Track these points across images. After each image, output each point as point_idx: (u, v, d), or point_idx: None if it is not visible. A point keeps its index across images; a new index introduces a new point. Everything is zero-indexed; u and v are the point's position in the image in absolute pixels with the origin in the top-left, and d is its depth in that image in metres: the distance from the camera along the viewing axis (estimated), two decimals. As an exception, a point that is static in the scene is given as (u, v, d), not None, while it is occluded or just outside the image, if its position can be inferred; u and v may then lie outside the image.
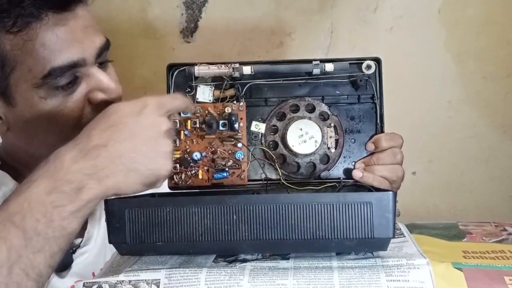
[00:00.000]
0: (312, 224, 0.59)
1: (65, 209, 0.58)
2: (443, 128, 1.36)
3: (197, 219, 0.60)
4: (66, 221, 0.58)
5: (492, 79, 1.34)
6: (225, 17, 1.37)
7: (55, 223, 0.57)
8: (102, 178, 0.59)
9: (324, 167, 0.82)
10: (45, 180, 0.58)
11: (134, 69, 1.39)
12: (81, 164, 0.59)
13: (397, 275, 0.57)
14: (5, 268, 0.55)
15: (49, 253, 0.57)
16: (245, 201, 0.60)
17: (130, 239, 0.61)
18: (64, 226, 0.58)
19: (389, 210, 0.59)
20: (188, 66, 0.80)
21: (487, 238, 0.70)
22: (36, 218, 0.57)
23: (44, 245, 0.57)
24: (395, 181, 0.81)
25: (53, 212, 0.57)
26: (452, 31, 1.33)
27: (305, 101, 0.82)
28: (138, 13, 1.38)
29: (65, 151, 0.60)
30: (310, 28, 1.36)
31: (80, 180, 0.58)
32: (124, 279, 0.59)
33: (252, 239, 0.60)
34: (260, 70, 0.80)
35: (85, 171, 0.59)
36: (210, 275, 0.59)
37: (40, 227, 0.57)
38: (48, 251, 0.57)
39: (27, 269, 0.56)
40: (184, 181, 0.80)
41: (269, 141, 0.82)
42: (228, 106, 0.80)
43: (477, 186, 1.37)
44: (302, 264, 0.61)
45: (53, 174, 0.58)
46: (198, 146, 0.80)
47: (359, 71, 0.80)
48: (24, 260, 0.56)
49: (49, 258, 0.58)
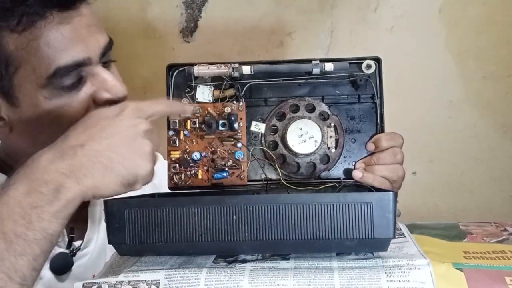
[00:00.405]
0: (312, 224, 0.59)
1: (44, 210, 0.57)
2: (444, 128, 1.36)
3: (197, 220, 0.60)
4: (46, 223, 0.57)
5: (492, 79, 1.34)
6: (225, 16, 1.37)
7: (35, 225, 0.57)
8: (80, 177, 0.59)
9: (324, 167, 0.82)
10: (23, 182, 0.58)
11: (133, 69, 1.39)
12: (58, 164, 0.59)
13: (397, 276, 0.57)
14: None
15: (32, 256, 0.57)
16: (245, 201, 0.60)
17: (130, 239, 0.61)
18: (44, 228, 0.57)
19: (390, 210, 0.59)
20: (188, 66, 0.80)
21: (487, 238, 0.70)
22: (14, 220, 0.56)
23: (25, 247, 0.56)
24: (395, 181, 0.80)
25: (31, 213, 0.57)
26: (453, 30, 1.33)
27: (305, 101, 0.82)
28: (137, 13, 1.38)
29: (42, 153, 0.60)
30: (310, 28, 1.36)
31: (57, 180, 0.58)
32: (123, 279, 0.59)
33: (252, 239, 0.60)
34: (259, 70, 0.80)
35: (62, 171, 0.58)
36: (210, 275, 0.59)
37: (19, 230, 0.56)
38: (31, 254, 0.57)
39: (9, 273, 0.55)
40: (184, 181, 0.80)
41: (269, 141, 0.82)
42: (227, 106, 0.80)
43: (477, 186, 1.37)
44: (302, 264, 0.61)
45: (29, 175, 0.58)
46: (198, 146, 0.80)
47: (359, 70, 0.81)
48: (6, 263, 0.55)
49: (32, 260, 0.57)
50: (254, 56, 1.37)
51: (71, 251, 0.83)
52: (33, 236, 0.57)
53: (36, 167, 0.58)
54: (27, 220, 0.56)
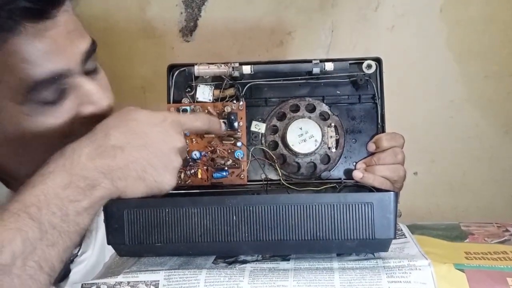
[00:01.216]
0: (313, 224, 0.59)
1: (80, 204, 0.58)
2: (445, 128, 1.36)
3: (196, 220, 0.60)
4: (80, 217, 0.58)
5: (495, 79, 1.34)
6: (225, 16, 1.37)
7: (70, 217, 0.58)
8: (115, 179, 0.61)
9: (325, 167, 0.82)
10: (61, 174, 0.58)
11: (133, 69, 1.39)
12: (97, 162, 0.60)
13: (398, 276, 0.57)
14: (19, 259, 0.54)
15: (63, 248, 0.58)
16: (245, 202, 0.60)
17: (129, 240, 0.61)
18: (78, 222, 0.58)
19: (390, 210, 0.59)
20: (188, 66, 0.80)
21: (489, 239, 0.70)
22: (53, 211, 0.57)
23: (58, 239, 0.57)
24: (396, 181, 0.81)
25: (68, 206, 0.58)
26: (454, 29, 1.33)
27: (306, 101, 0.82)
28: (136, 12, 1.38)
29: (81, 145, 0.60)
30: (310, 27, 1.36)
31: (96, 178, 0.59)
32: (122, 280, 0.59)
33: (252, 240, 0.60)
34: (260, 70, 0.81)
35: (100, 169, 0.60)
36: (209, 276, 0.59)
37: (55, 221, 0.57)
38: (62, 245, 0.57)
39: (41, 262, 0.56)
40: (183, 180, 0.80)
41: (269, 141, 0.83)
42: (227, 106, 0.80)
43: (479, 187, 1.37)
44: (302, 265, 0.61)
45: (69, 168, 0.59)
46: (198, 145, 0.80)
47: (360, 70, 0.81)
48: (38, 252, 0.56)
49: (62, 252, 0.58)
50: (254, 55, 1.37)
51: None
52: (67, 228, 0.58)
53: (77, 162, 0.59)
54: (64, 212, 0.57)
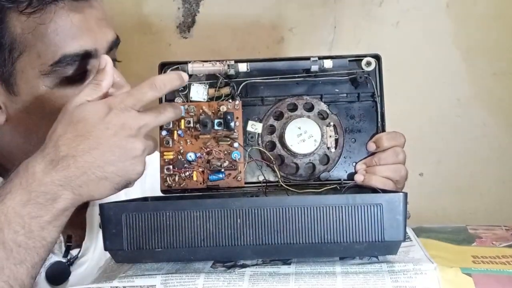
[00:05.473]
0: (320, 227, 0.59)
1: (43, 219, 0.60)
2: (452, 128, 1.36)
3: (198, 224, 0.60)
4: (45, 231, 0.60)
5: (503, 76, 1.34)
6: (224, 11, 1.37)
7: (35, 233, 0.60)
8: (75, 187, 0.61)
9: (324, 168, 0.82)
10: (19, 192, 0.60)
11: (128, 66, 1.38)
12: (53, 175, 0.61)
13: (403, 281, 0.57)
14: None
15: (31, 264, 0.60)
16: (249, 204, 0.60)
17: (127, 245, 0.61)
18: (43, 236, 0.60)
19: (400, 212, 0.59)
20: (181, 64, 0.79)
21: (497, 242, 0.70)
22: (15, 230, 0.59)
23: (25, 256, 0.59)
24: (398, 181, 0.80)
25: (31, 223, 0.59)
26: (461, 25, 1.34)
27: (303, 99, 0.82)
28: (132, 7, 1.39)
29: (34, 162, 0.62)
30: (312, 23, 1.36)
31: (55, 191, 0.61)
32: (118, 285, 0.59)
33: (257, 244, 0.60)
34: (256, 68, 0.80)
35: (58, 182, 0.61)
36: (208, 281, 0.59)
37: (20, 239, 0.59)
38: (30, 261, 0.60)
39: (10, 281, 0.58)
40: (178, 183, 0.79)
41: (266, 141, 0.82)
42: (223, 105, 0.79)
43: (487, 188, 1.37)
44: (304, 269, 0.61)
45: (26, 186, 0.60)
46: (192, 146, 0.80)
47: (359, 68, 0.80)
48: (6, 272, 0.58)
49: (31, 268, 0.60)
50: (254, 52, 1.37)
51: (68, 260, 0.84)
52: (33, 245, 0.60)
53: (32, 179, 0.61)
54: (27, 229, 0.59)
